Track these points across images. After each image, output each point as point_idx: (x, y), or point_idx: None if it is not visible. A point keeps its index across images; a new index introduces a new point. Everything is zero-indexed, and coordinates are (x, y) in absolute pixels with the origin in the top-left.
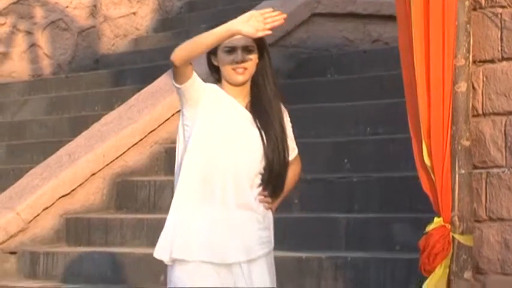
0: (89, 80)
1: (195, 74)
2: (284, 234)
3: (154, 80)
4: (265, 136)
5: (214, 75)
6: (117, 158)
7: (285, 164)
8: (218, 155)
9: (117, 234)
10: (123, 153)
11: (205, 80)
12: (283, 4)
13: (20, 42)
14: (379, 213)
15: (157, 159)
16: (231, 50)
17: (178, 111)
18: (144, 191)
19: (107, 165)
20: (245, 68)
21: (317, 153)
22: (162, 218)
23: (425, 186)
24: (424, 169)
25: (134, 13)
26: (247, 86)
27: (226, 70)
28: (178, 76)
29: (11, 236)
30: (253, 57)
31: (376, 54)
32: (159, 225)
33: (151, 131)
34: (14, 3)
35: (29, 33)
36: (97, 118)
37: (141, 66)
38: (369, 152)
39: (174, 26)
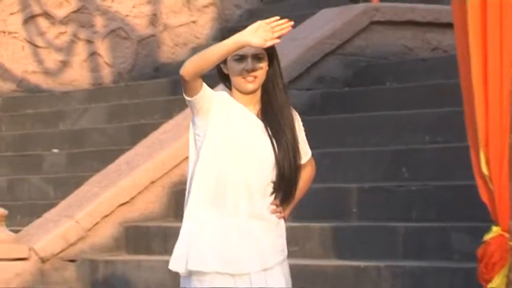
0: (149, 89)
1: (204, 85)
2: (342, 244)
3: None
4: (277, 144)
5: (225, 83)
6: (175, 167)
7: (296, 172)
8: (229, 166)
9: (175, 242)
10: (181, 162)
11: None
12: (342, 12)
13: (81, 50)
14: (437, 222)
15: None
16: (241, 58)
17: None
18: None
19: (166, 173)
20: (255, 77)
21: (375, 162)
22: None
23: (483, 195)
24: (481, 178)
25: (194, 22)
26: (258, 93)
27: (237, 79)
28: (189, 90)
29: (71, 244)
30: (263, 65)
31: (435, 62)
32: None
33: None
34: (74, 11)
35: (89, 41)
36: (156, 126)
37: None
38: (427, 161)
39: (234, 34)
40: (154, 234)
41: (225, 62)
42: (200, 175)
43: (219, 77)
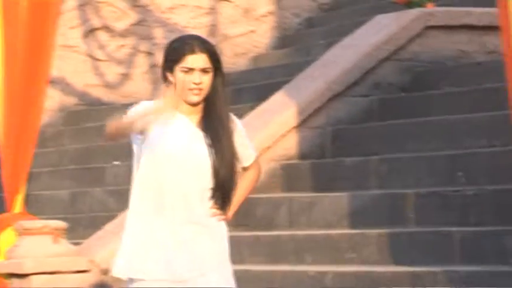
0: None
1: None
2: (399, 249)
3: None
4: (214, 152)
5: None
6: None
7: (232, 178)
8: (166, 174)
9: (235, 252)
10: None
11: None
12: (397, 18)
13: (141, 63)
14: (494, 226)
15: (273, 176)
16: (189, 70)
17: (294, 127)
18: (261, 208)
19: None
20: (201, 89)
21: (432, 167)
22: (279, 234)
23: None
24: None
25: (253, 31)
26: (201, 104)
27: (183, 89)
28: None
29: None
30: (209, 77)
31: (491, 66)
32: (276, 242)
33: (266, 148)
34: (133, 24)
35: (149, 53)
36: None
37: (259, 84)
38: (483, 165)
39: (293, 42)
40: None
41: (171, 70)
42: (139, 184)
43: (163, 81)
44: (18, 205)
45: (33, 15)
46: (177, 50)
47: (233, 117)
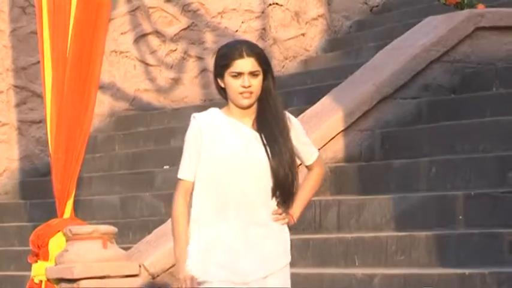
0: None
1: (194, 160)
2: (448, 251)
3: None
4: (271, 151)
5: (222, 93)
6: None
7: (291, 176)
8: (226, 177)
9: None
10: None
11: None
12: (447, 19)
13: (192, 67)
14: None
15: (323, 178)
16: (238, 75)
17: (343, 130)
18: (310, 211)
19: None
20: (251, 92)
21: (482, 168)
22: (328, 237)
23: None
24: None
25: (303, 34)
26: (254, 105)
27: (233, 94)
28: None
29: None
30: (259, 80)
31: None
32: (325, 245)
33: None
34: (184, 29)
35: (200, 58)
36: None
37: (308, 87)
38: None
39: (343, 45)
40: None
41: (222, 75)
42: (199, 190)
43: (216, 89)
44: (68, 210)
45: (82, 20)
46: (226, 55)
47: (289, 115)
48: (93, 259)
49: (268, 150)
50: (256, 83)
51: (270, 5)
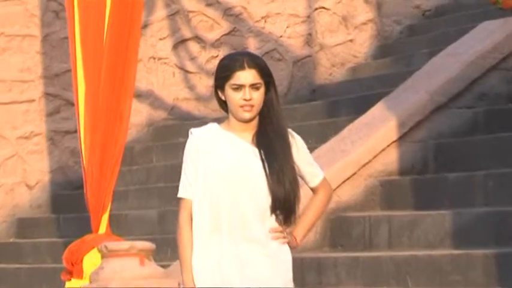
0: (304, 112)
1: (192, 177)
2: (507, 271)
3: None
4: (269, 168)
5: (222, 106)
6: None
7: (293, 193)
8: (221, 198)
9: (331, 274)
10: (337, 187)
11: None
12: (504, 24)
13: None
14: None
15: (372, 193)
16: (239, 88)
17: (395, 141)
18: (359, 228)
19: None
20: (252, 106)
21: None
22: (379, 256)
23: None
24: None
25: (351, 40)
26: (256, 119)
27: (234, 107)
28: None
29: None
30: (261, 93)
31: None
32: (375, 264)
33: (365, 164)
34: (226, 34)
35: None
36: (311, 151)
37: (357, 96)
38: None
39: (394, 51)
40: (308, 266)
41: (222, 88)
42: (197, 205)
43: (217, 101)
44: (103, 226)
45: (116, 23)
46: (226, 67)
47: (293, 132)
48: (130, 277)
49: (267, 166)
50: (258, 95)
51: (317, 9)
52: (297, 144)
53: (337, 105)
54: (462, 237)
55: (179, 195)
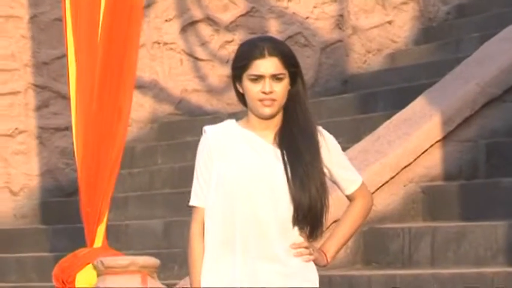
0: (333, 106)
1: (205, 182)
2: None
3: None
4: (291, 172)
5: (242, 101)
6: None
7: (320, 201)
8: (235, 207)
9: None
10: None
11: None
12: None
13: None
14: None
15: (412, 201)
16: (258, 78)
17: (438, 141)
18: (397, 241)
19: None
20: (273, 100)
21: None
22: (420, 274)
23: None
24: None
25: (390, 22)
26: (279, 116)
27: (252, 101)
28: None
29: None
30: (284, 85)
31: None
32: (415, 283)
33: (404, 167)
34: (242, 15)
35: None
36: None
37: (397, 87)
38: None
39: (440, 36)
40: (337, 285)
41: (240, 79)
42: (208, 216)
43: (236, 94)
44: (99, 238)
45: (112, 7)
46: (244, 54)
47: (322, 130)
48: None
49: (289, 169)
50: (280, 88)
51: None
52: (328, 145)
53: (373, 98)
54: None
55: (191, 203)
